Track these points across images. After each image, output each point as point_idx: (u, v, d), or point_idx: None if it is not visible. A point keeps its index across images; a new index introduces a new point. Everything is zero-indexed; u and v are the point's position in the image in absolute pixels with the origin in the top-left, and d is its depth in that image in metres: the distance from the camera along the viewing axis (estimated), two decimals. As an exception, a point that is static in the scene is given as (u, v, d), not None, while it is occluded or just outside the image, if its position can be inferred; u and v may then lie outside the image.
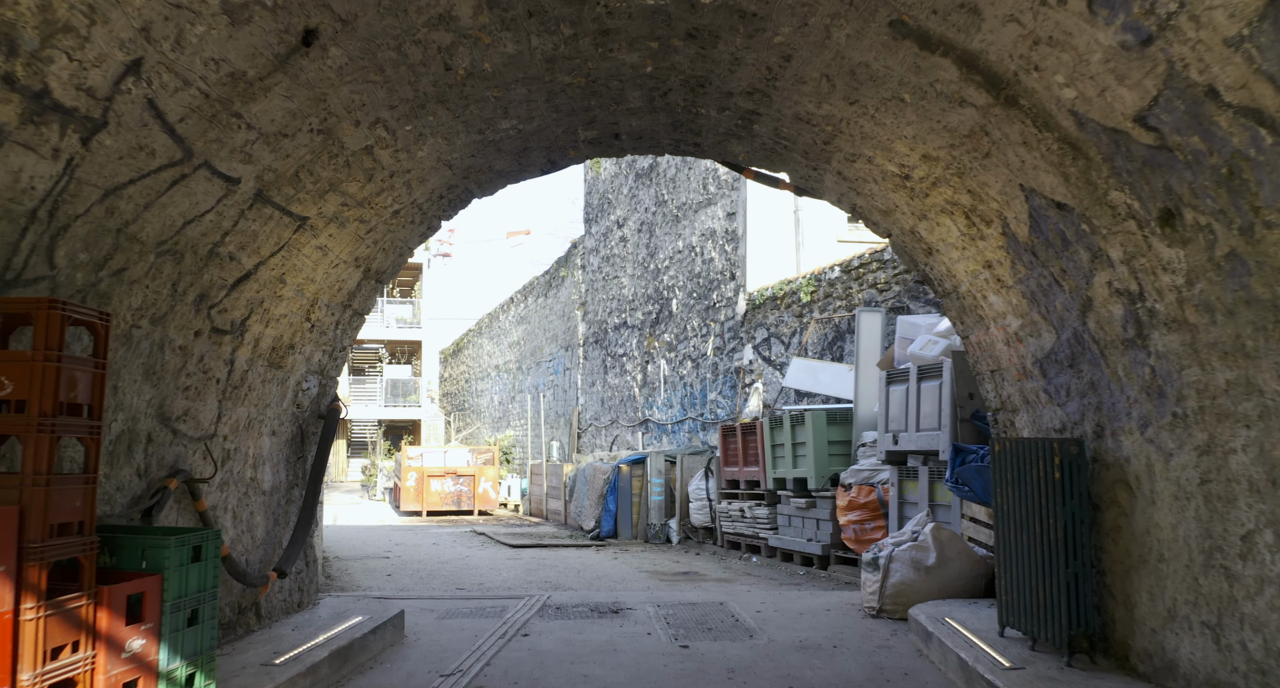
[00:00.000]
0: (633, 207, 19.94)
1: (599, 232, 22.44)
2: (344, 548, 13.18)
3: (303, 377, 6.03)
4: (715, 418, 15.15)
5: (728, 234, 15.23)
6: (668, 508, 13.70)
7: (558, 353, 25.90)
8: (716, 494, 12.42)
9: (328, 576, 9.86)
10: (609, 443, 20.71)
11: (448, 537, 15.16)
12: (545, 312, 27.62)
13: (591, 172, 23.23)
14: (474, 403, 37.53)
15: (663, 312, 17.94)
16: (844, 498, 9.40)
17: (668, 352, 17.61)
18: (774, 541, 10.76)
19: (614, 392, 20.68)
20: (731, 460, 12.05)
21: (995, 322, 5.62)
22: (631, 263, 19.81)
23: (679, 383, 16.99)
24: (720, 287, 15.40)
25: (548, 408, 26.75)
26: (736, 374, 14.59)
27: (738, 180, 14.91)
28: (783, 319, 13.40)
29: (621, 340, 20.30)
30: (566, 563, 11.18)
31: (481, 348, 36.97)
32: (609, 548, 13.06)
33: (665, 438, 17.39)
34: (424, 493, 19.99)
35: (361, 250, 5.87)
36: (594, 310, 22.51)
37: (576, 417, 23.52)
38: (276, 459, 5.89)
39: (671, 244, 17.64)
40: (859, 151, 5.35)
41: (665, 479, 13.76)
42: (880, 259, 11.39)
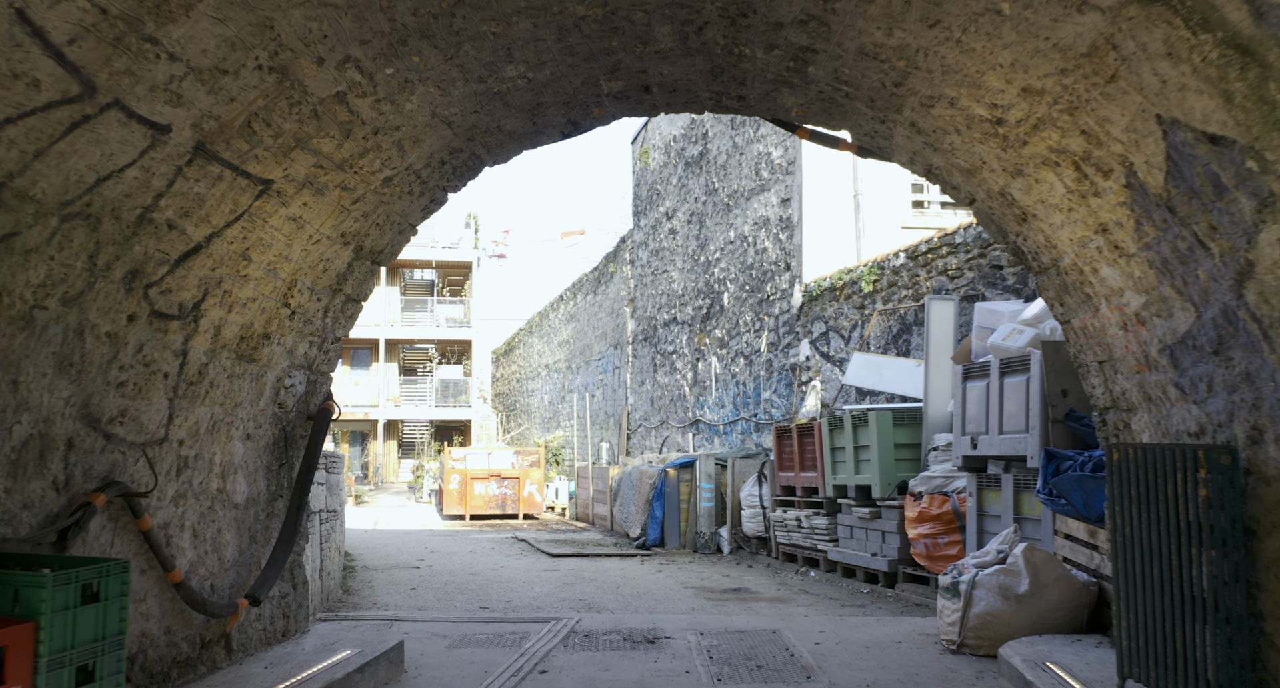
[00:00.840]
0: (682, 197, 19.01)
1: (647, 224, 21.55)
2: (375, 556, 12.47)
3: (284, 372, 5.22)
4: (769, 419, 14.15)
5: (782, 222, 14.22)
6: (718, 515, 12.75)
7: (607, 351, 25.08)
8: (770, 502, 11.44)
9: (346, 590, 9.11)
10: (659, 444, 19.80)
11: (486, 544, 14.38)
12: (594, 309, 26.83)
13: (640, 162, 22.35)
14: (525, 403, 36.93)
15: (713, 306, 16.98)
16: (913, 509, 8.36)
17: (719, 348, 16.65)
18: (834, 554, 9.75)
19: (664, 391, 19.77)
20: (787, 465, 11.05)
21: (1108, 301, 4.59)
22: (681, 256, 18.88)
23: (731, 381, 16.02)
24: (774, 278, 14.40)
25: (597, 408, 25.94)
26: (792, 372, 13.59)
27: (792, 164, 13.91)
28: (842, 311, 12.36)
29: (671, 337, 19.38)
30: (606, 576, 10.29)
31: (532, 347, 36.35)
32: (654, 558, 12.15)
33: (717, 440, 16.43)
34: (467, 496, 19.29)
35: (349, 225, 5.04)
36: (643, 306, 21.62)
37: (626, 417, 22.66)
38: (253, 467, 5.09)
39: (722, 235, 16.67)
40: (938, 92, 4.37)
41: (715, 484, 12.81)
42: (951, 243, 10.31)
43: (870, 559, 9.05)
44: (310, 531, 7.18)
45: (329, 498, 8.08)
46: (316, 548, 7.49)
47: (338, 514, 8.71)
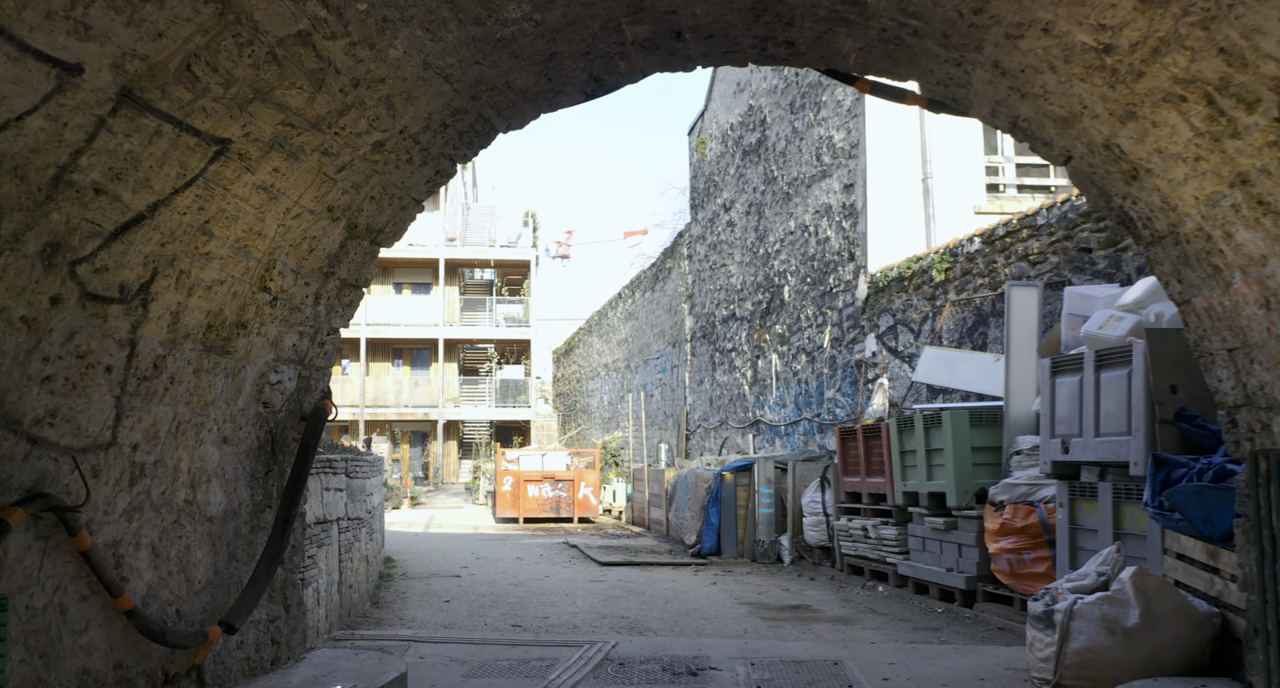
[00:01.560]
0: (740, 187, 18.19)
1: (705, 218, 20.77)
2: (419, 563, 11.94)
3: (268, 367, 4.60)
4: (833, 419, 13.28)
5: (845, 209, 13.33)
6: (778, 522, 11.92)
7: (665, 349, 24.36)
8: (834, 509, 10.59)
9: (376, 602, 8.54)
10: (718, 446, 19.01)
11: (536, 549, 13.77)
12: (652, 306, 26.13)
13: (696, 153, 21.57)
14: (584, 403, 36.43)
15: (773, 301, 16.14)
16: (994, 520, 7.47)
17: (780, 345, 15.80)
18: (904, 568, 8.87)
19: (722, 390, 18.97)
20: (852, 469, 10.20)
21: (1244, 273, 3.71)
22: (739, 249, 18.06)
23: (792, 380, 15.17)
24: (837, 269, 13.52)
25: (655, 408, 25.25)
26: (857, 368, 12.70)
27: (856, 147, 13.02)
28: (911, 303, 11.44)
29: (730, 334, 18.58)
30: (656, 588, 9.56)
31: (591, 347, 35.83)
32: (709, 568, 11.38)
33: (778, 441, 15.59)
34: (520, 499, 18.74)
35: (336, 197, 4.39)
36: (701, 302, 20.85)
37: (684, 417, 21.91)
38: (232, 475, 4.48)
39: (782, 225, 15.82)
40: (1029, 17, 3.54)
41: (775, 489, 11.99)
42: (1032, 225, 9.36)
43: (945, 575, 8.16)
44: (326, 541, 6.59)
45: (351, 505, 7.50)
46: (334, 560, 6.90)
47: (364, 523, 8.14)
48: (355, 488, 7.66)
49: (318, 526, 6.43)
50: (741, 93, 18.17)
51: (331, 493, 6.81)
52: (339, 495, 7.05)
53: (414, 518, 20.12)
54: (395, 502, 23.09)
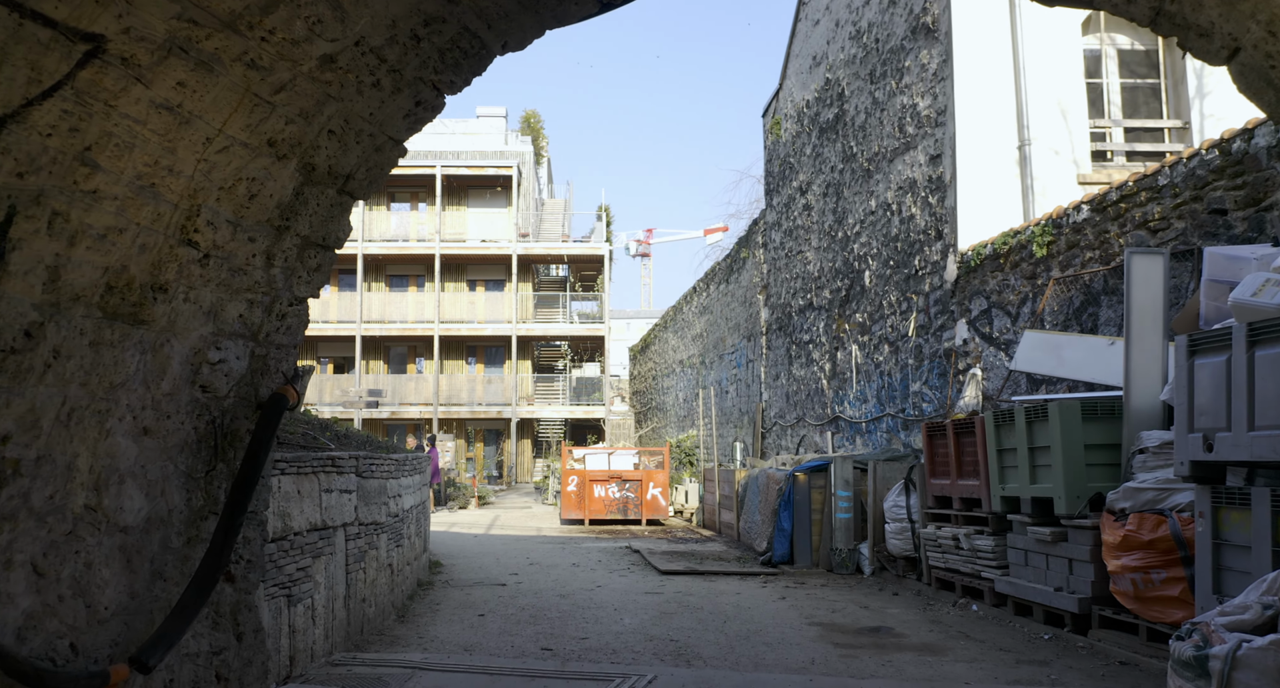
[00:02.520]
0: (816, 168, 17.00)
1: (780, 203, 19.61)
2: (468, 568, 11.15)
3: (205, 342, 3.75)
4: (919, 414, 12.05)
5: (931, 183, 12.08)
6: (857, 529, 10.76)
7: (740, 343, 23.25)
8: (920, 515, 9.40)
9: (403, 616, 7.72)
10: (795, 444, 17.85)
11: (595, 554, 12.87)
12: (727, 299, 25.04)
13: (771, 135, 20.42)
14: (660, 401, 35.50)
15: (853, 287, 14.92)
16: (1114, 531, 6.25)
17: (860, 335, 14.58)
18: (1003, 585, 7.67)
19: (799, 385, 17.79)
20: (940, 471, 9.01)
21: None
22: (816, 233, 16.87)
23: (874, 372, 13.95)
24: (923, 249, 12.27)
25: (730, 405, 24.16)
26: (946, 358, 11.45)
27: (943, 114, 11.77)
28: (1008, 283, 10.17)
29: (807, 325, 17.39)
30: (716, 603, 8.53)
31: (666, 343, 34.87)
32: (780, 579, 10.29)
33: (859, 439, 14.38)
34: (586, 500, 17.88)
35: (277, 127, 3.51)
36: (776, 292, 19.69)
37: (760, 414, 20.78)
38: (158, 474, 3.64)
39: (862, 205, 14.60)
40: None
41: (854, 492, 10.83)
42: (1152, 186, 8.04)
43: (1053, 596, 6.94)
44: (326, 551, 5.75)
45: (365, 508, 6.67)
46: (338, 571, 6.07)
47: (385, 528, 7.31)
48: (371, 489, 6.83)
49: (314, 533, 5.59)
50: (818, 67, 16.98)
51: (334, 495, 5.97)
52: (346, 498, 6.22)
53: (478, 519, 19.46)
54: (462, 502, 22.52)
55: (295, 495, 5.31)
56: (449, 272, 36.03)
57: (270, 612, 4.97)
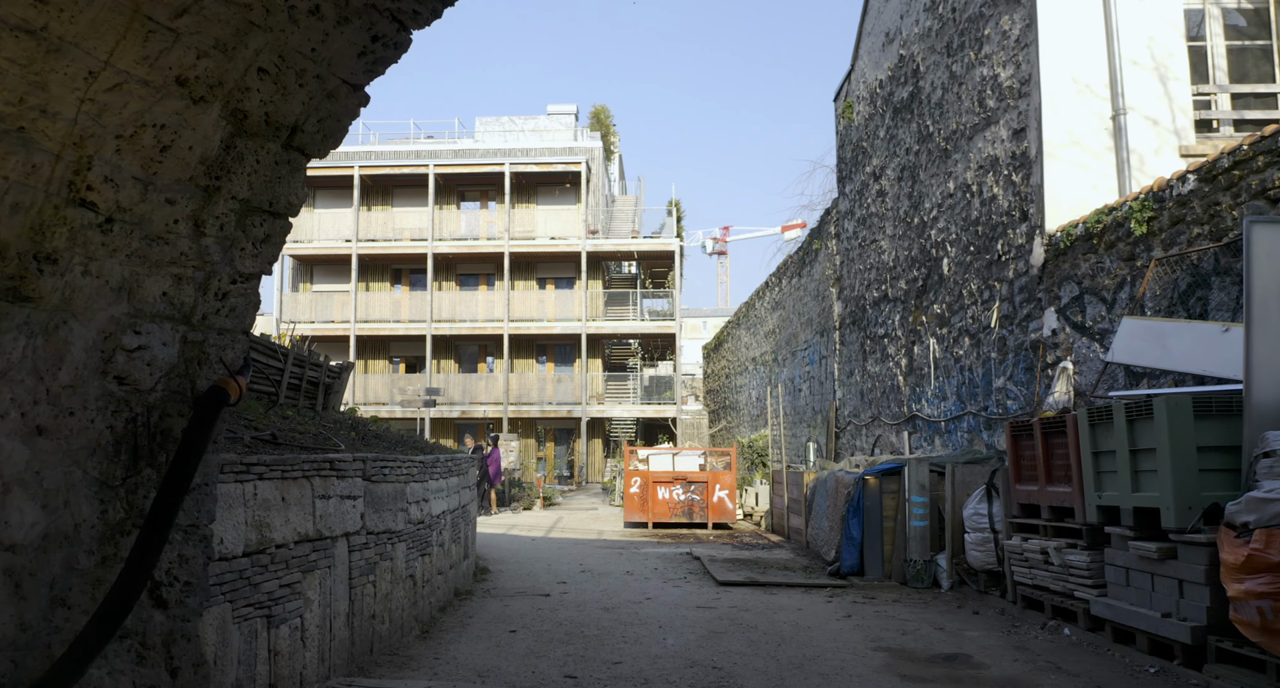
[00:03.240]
0: (891, 151, 15.99)
1: (853, 190, 18.61)
2: (516, 575, 10.56)
3: (117, 324, 3.15)
4: (1003, 412, 11.03)
5: (1015, 160, 11.05)
6: (933, 538, 9.82)
7: (813, 339, 22.28)
8: (1004, 524, 8.45)
9: (426, 631, 7.13)
10: (870, 445, 16.86)
11: (653, 561, 12.15)
12: (799, 293, 24.08)
13: (843, 120, 19.42)
14: (733, 400, 34.63)
15: (930, 277, 13.90)
16: (1235, 549, 5.28)
17: (938, 327, 13.56)
18: (1100, 607, 6.70)
19: (874, 382, 16.80)
20: (1027, 476, 8.05)
21: None
22: (891, 220, 15.87)
23: (953, 367, 12.93)
24: (1006, 232, 11.24)
25: (804, 403, 23.19)
26: (1033, 351, 10.42)
27: (1027, 83, 10.73)
28: (1101, 266, 9.12)
29: (881, 318, 16.39)
30: (773, 621, 7.73)
31: (739, 340, 33.98)
32: (847, 593, 9.43)
33: (938, 439, 13.37)
34: (649, 502, 17.17)
35: (185, 61, 2.88)
36: (850, 285, 18.70)
37: (833, 413, 19.80)
38: (58, 482, 3.04)
39: (939, 187, 13.57)
40: None
41: (930, 498, 9.90)
42: (1272, 149, 6.97)
43: (1160, 622, 5.97)
44: (322, 564, 5.16)
45: (375, 516, 6.07)
46: (339, 587, 5.47)
47: (403, 536, 6.71)
48: (383, 495, 6.23)
49: (304, 545, 5.00)
50: (891, 43, 15.96)
51: (333, 502, 5.38)
52: (349, 505, 5.62)
53: (539, 521, 18.92)
54: (526, 503, 22.05)
55: (278, 503, 4.72)
56: (519, 270, 35.75)
57: (243, 636, 4.38)
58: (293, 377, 8.67)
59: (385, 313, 34.79)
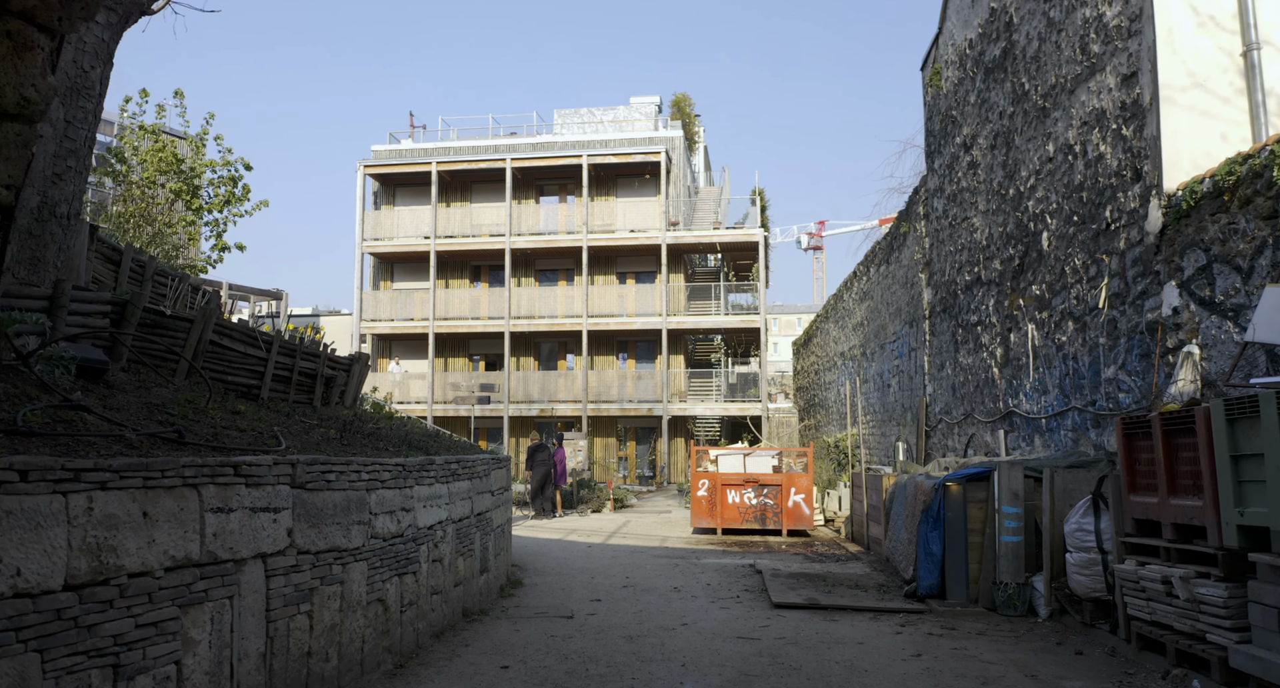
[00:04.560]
0: (982, 117, 14.32)
1: (942, 165, 16.92)
2: (547, 591, 9.45)
3: None
4: (1114, 407, 9.38)
5: (1125, 110, 9.39)
6: (1028, 557, 8.28)
7: (901, 330, 20.59)
8: (1115, 544, 6.90)
9: (401, 664, 6.02)
10: (962, 445, 15.20)
11: (709, 575, 10.88)
12: (887, 281, 22.38)
13: (931, 89, 17.73)
14: (821, 397, 32.94)
15: (1028, 254, 12.24)
16: None
17: (1037, 311, 11.90)
18: (1240, 658, 5.15)
19: (967, 375, 15.13)
20: (1144, 484, 6.51)
21: None
22: (984, 194, 14.20)
23: (1055, 356, 11.26)
24: (1116, 196, 9.58)
25: (893, 400, 21.50)
26: (1150, 334, 8.76)
27: (1138, 19, 9.07)
28: (1235, 227, 7.46)
29: (974, 304, 14.72)
30: (823, 661, 6.39)
31: (828, 334, 32.29)
32: (923, 621, 7.99)
33: (1038, 438, 11.72)
34: (718, 506, 15.87)
35: None
36: (940, 269, 17.02)
37: (923, 410, 18.11)
38: None
39: (1037, 152, 11.91)
40: None
41: (1025, 509, 8.36)
42: None
43: (1332, 687, 4.43)
44: (215, 596, 4.08)
45: (310, 532, 4.99)
46: (254, 621, 4.40)
47: (364, 554, 5.62)
48: (326, 506, 5.15)
49: (185, 571, 3.95)
50: None
51: (237, 516, 4.32)
52: (267, 520, 4.55)
53: (603, 525, 17.81)
54: (595, 505, 20.96)
55: (133, 520, 3.67)
56: (599, 264, 34.80)
57: (65, 696, 3.33)
58: (280, 368, 7.71)
59: (464, 310, 34.28)
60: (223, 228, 13.65)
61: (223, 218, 13.43)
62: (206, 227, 13.55)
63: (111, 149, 13.04)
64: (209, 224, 13.49)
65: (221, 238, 13.74)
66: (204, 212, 13.15)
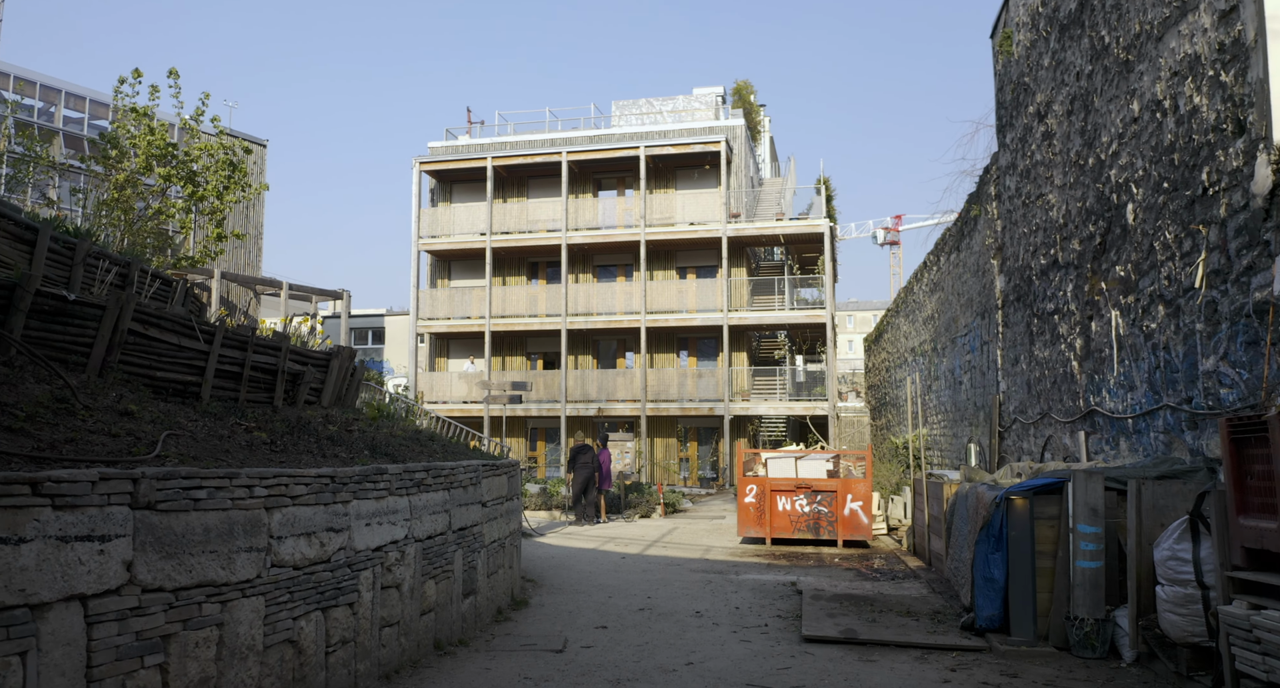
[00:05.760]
0: (1058, 80, 12.77)
1: (1014, 139, 15.35)
2: (554, 614, 8.39)
3: None
4: (1216, 405, 7.89)
5: (1223, 52, 7.88)
6: (1109, 587, 6.88)
7: (973, 323, 18.98)
8: (1219, 578, 5.50)
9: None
10: (1038, 447, 13.64)
11: (741, 595, 9.68)
12: (958, 270, 20.76)
13: (1001, 56, 16.14)
14: (893, 395, 31.26)
15: (1110, 231, 10.71)
16: None
17: (1122, 295, 10.38)
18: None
19: (1042, 370, 13.58)
20: (1257, 504, 5.10)
21: None
22: (1060, 166, 12.65)
23: (1143, 346, 9.75)
24: (1214, 155, 8.07)
25: (965, 398, 19.88)
26: (1258, 316, 7.26)
27: (1244, -59, 7.56)
28: (1374, 180, 5.96)
29: (1050, 290, 13.17)
30: (845, 719, 5.16)
31: (898, 329, 30.60)
32: (978, 664, 6.66)
33: (1123, 441, 10.20)
34: (767, 514, 14.60)
35: None
36: (1013, 253, 15.45)
37: (996, 409, 16.53)
38: None
39: (1119, 113, 10.39)
40: None
41: (1106, 528, 6.96)
42: None
43: None
44: (16, 650, 3.07)
45: (162, 566, 3.97)
46: (65, 680, 3.39)
47: (252, 589, 4.59)
48: (194, 530, 4.13)
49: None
50: (1055, -54, 12.75)
51: (32, 549, 3.32)
52: (86, 551, 3.57)
53: (646, 533, 16.67)
54: (644, 510, 19.82)
55: None
56: (658, 259, 33.69)
57: None
58: (229, 363, 6.77)
59: (521, 308, 33.51)
60: (222, 216, 12.87)
61: (219, 205, 12.64)
62: (203, 215, 12.82)
63: (105, 135, 12.42)
64: (204, 213, 12.74)
65: (221, 226, 12.97)
66: (200, 199, 12.39)
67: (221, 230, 13.09)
